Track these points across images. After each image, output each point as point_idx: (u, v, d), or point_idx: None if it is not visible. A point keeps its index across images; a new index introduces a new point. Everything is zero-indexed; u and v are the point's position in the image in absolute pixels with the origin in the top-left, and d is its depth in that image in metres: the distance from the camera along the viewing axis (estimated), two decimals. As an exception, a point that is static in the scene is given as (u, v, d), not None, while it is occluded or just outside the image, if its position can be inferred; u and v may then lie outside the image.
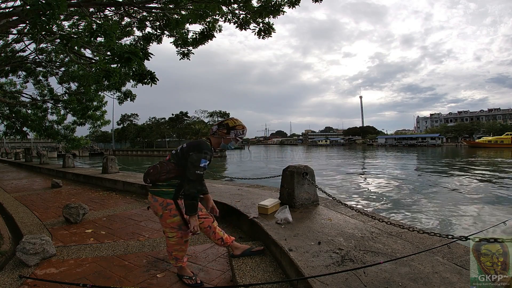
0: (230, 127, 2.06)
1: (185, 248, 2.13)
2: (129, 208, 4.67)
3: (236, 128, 2.06)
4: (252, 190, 4.68)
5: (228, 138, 2.07)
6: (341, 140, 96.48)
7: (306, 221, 2.85)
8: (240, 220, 3.38)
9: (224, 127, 2.06)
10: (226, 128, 2.06)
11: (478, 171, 17.30)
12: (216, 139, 2.09)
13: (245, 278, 2.06)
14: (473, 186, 12.11)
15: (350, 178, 15.86)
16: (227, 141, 2.08)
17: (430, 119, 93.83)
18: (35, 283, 2.21)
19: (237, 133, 2.06)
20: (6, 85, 11.36)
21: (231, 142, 2.08)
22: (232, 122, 2.08)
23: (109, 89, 7.87)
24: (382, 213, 7.41)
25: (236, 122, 2.08)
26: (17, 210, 4.68)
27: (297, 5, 4.89)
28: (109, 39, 3.60)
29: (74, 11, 5.95)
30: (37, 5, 2.86)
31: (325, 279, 1.69)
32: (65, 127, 11.35)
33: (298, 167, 3.37)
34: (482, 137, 58.07)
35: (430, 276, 1.71)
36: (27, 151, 19.54)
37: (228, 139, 2.07)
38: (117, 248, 2.90)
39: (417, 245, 2.22)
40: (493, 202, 9.09)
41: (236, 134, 2.06)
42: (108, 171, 8.01)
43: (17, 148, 44.35)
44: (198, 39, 5.85)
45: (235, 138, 2.07)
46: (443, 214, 7.66)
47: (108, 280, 2.24)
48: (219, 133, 2.06)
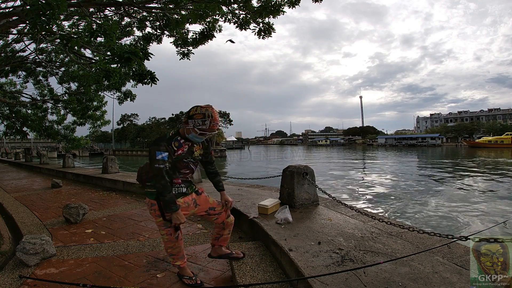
0: (189, 115, 1.81)
1: (178, 245, 2.06)
2: (129, 208, 4.67)
3: (194, 118, 1.78)
4: (252, 190, 4.68)
5: (187, 129, 1.83)
6: (341, 140, 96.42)
7: (306, 221, 2.85)
8: (240, 220, 3.38)
9: (186, 115, 1.85)
10: (186, 116, 1.83)
11: (478, 171, 17.29)
12: (184, 131, 1.89)
13: (245, 278, 2.06)
14: (473, 186, 12.10)
15: (350, 178, 15.86)
16: (187, 131, 1.84)
17: (430, 119, 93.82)
18: (35, 283, 2.21)
19: (196, 124, 1.78)
20: (6, 85, 11.35)
21: (192, 134, 1.83)
22: (193, 109, 1.81)
23: (109, 89, 7.86)
24: (382, 213, 7.42)
25: (197, 110, 1.79)
26: (17, 210, 4.68)
27: (297, 5, 4.89)
28: (109, 39, 3.60)
29: (74, 11, 5.95)
30: (37, 5, 2.86)
31: (325, 279, 1.69)
32: (65, 127, 11.34)
33: (298, 167, 3.37)
34: (482, 137, 58.06)
35: (430, 276, 1.71)
36: (27, 151, 19.55)
37: (188, 130, 1.83)
38: (117, 248, 2.90)
39: (417, 245, 2.22)
40: (493, 202, 9.09)
41: (194, 124, 1.78)
42: (108, 171, 8.01)
43: (17, 148, 44.36)
44: (198, 39, 5.85)
45: (193, 129, 1.80)
46: (443, 214, 7.66)
47: (108, 280, 2.24)
48: (184, 124, 1.86)
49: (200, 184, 5.40)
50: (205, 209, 2.13)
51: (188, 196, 2.01)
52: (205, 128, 1.80)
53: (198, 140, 1.92)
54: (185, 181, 2.00)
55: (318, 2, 5.05)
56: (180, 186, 1.96)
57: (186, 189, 2.01)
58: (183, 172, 1.97)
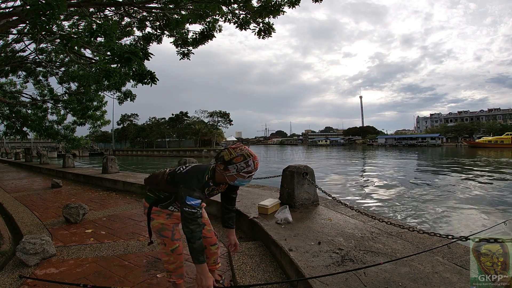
0: (226, 161, 1.56)
1: (175, 260, 1.81)
2: (129, 208, 4.67)
3: (233, 162, 1.54)
4: (252, 190, 4.68)
5: (230, 176, 1.58)
6: (341, 140, 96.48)
7: (306, 221, 2.85)
8: (240, 220, 3.38)
9: (220, 161, 1.59)
10: (222, 164, 1.58)
11: (478, 171, 17.30)
12: (220, 177, 1.65)
13: (245, 278, 2.06)
14: (473, 186, 12.11)
15: (350, 178, 15.86)
16: (232, 178, 1.59)
17: (430, 119, 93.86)
18: (35, 283, 2.21)
19: (239, 168, 1.55)
20: (6, 85, 11.36)
21: (238, 180, 1.58)
22: (228, 154, 1.57)
23: (109, 89, 7.87)
24: (382, 213, 7.42)
25: (233, 153, 1.56)
26: (17, 210, 4.68)
27: (297, 5, 4.89)
28: (109, 39, 3.60)
29: (74, 11, 5.95)
30: (37, 5, 2.86)
31: (325, 279, 1.69)
32: (65, 127, 11.35)
33: (298, 167, 3.37)
34: (482, 137, 58.09)
35: (430, 276, 1.71)
36: (27, 151, 19.55)
37: (231, 177, 1.58)
38: (117, 248, 2.90)
39: (417, 245, 2.22)
40: (493, 202, 9.09)
41: (237, 169, 1.55)
42: (108, 171, 8.01)
43: (17, 148, 44.35)
44: (198, 39, 5.85)
45: (238, 174, 1.56)
46: (444, 214, 7.66)
47: (108, 280, 2.24)
48: (218, 168, 1.61)
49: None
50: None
51: None
52: (251, 170, 1.57)
53: (245, 183, 1.67)
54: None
55: (318, 2, 5.05)
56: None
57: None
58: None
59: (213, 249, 1.97)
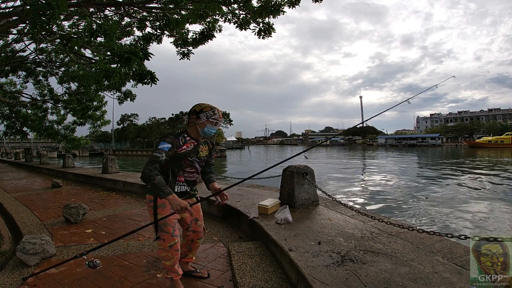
0: (197, 111, 1.98)
1: (172, 256, 1.91)
2: (129, 208, 4.67)
3: (204, 111, 1.97)
4: (252, 190, 4.69)
5: (201, 123, 1.97)
6: (341, 140, 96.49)
7: (306, 221, 2.85)
8: (240, 220, 3.38)
9: (193, 113, 2.00)
10: (194, 114, 1.99)
11: (478, 171, 17.29)
12: (192, 129, 2.01)
13: (245, 278, 2.06)
14: (473, 186, 12.10)
15: (350, 178, 15.86)
16: (202, 125, 1.97)
17: (430, 119, 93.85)
18: (35, 282, 2.21)
19: (208, 115, 1.96)
20: (6, 85, 11.35)
21: (207, 126, 1.97)
22: (198, 106, 2.00)
23: (109, 89, 7.86)
24: (382, 213, 7.41)
25: (202, 105, 2.00)
26: (17, 210, 4.68)
27: (297, 5, 4.89)
28: (109, 39, 3.60)
29: (74, 11, 5.95)
30: (37, 5, 2.86)
31: (325, 279, 1.69)
32: (65, 127, 11.34)
33: (298, 167, 3.37)
34: (482, 137, 58.08)
35: (430, 276, 1.71)
36: (27, 151, 19.52)
37: (202, 124, 1.97)
38: (117, 248, 2.90)
39: (417, 244, 2.22)
40: (493, 202, 9.09)
41: (207, 116, 1.96)
42: (108, 171, 8.01)
43: (17, 148, 44.33)
44: (198, 39, 5.85)
45: (207, 120, 1.96)
46: (444, 214, 7.66)
47: (108, 280, 2.24)
48: (191, 121, 2.00)
49: (199, 184, 5.39)
50: (192, 218, 2.11)
51: (188, 199, 2.00)
52: (217, 117, 1.98)
53: (213, 132, 2.01)
54: (188, 181, 2.03)
55: (318, 2, 5.05)
56: (183, 184, 2.00)
57: (189, 188, 2.05)
58: (188, 171, 2.01)
59: (199, 242, 2.22)
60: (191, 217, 2.09)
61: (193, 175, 2.06)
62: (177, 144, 1.91)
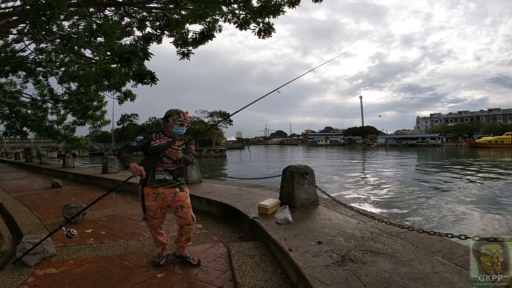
0: (167, 116, 2.41)
1: (152, 231, 2.48)
2: (129, 208, 4.67)
3: (171, 115, 2.38)
4: (252, 190, 4.68)
5: (170, 125, 2.38)
6: (341, 140, 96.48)
7: (306, 221, 2.85)
8: (240, 220, 3.38)
9: (164, 117, 2.44)
10: (165, 118, 2.42)
11: (478, 171, 17.29)
12: (166, 129, 2.43)
13: (245, 278, 2.06)
14: (473, 186, 12.10)
15: (350, 178, 15.86)
16: (171, 127, 2.38)
17: (430, 119, 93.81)
18: (35, 282, 2.21)
19: (174, 118, 2.37)
20: (6, 85, 11.36)
21: (175, 127, 2.37)
22: (168, 111, 2.42)
23: (109, 89, 7.87)
24: (382, 213, 7.41)
25: (171, 111, 2.41)
26: (17, 210, 4.68)
27: (297, 5, 4.89)
28: (109, 39, 3.60)
29: (74, 11, 5.96)
30: (37, 5, 2.86)
31: (325, 279, 1.69)
32: (65, 127, 11.34)
33: (298, 167, 3.37)
34: (482, 137, 58.06)
35: (430, 276, 1.71)
36: (27, 151, 19.55)
37: (171, 126, 2.38)
38: (117, 248, 2.90)
39: (417, 245, 2.22)
40: (493, 202, 9.08)
41: (173, 119, 2.36)
42: (108, 171, 8.01)
43: (17, 148, 44.34)
44: (198, 39, 5.86)
45: (174, 122, 2.36)
46: (444, 214, 7.66)
47: (108, 280, 2.24)
48: (164, 123, 2.43)
49: (200, 184, 5.40)
50: (178, 205, 2.39)
51: (171, 189, 2.36)
52: (182, 120, 2.37)
53: (181, 131, 2.41)
54: (168, 170, 2.37)
55: (318, 2, 5.05)
56: (161, 173, 2.36)
57: (171, 177, 2.37)
58: (166, 161, 2.38)
59: (187, 228, 2.43)
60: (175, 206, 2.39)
61: (172, 165, 2.39)
62: (150, 138, 2.36)
